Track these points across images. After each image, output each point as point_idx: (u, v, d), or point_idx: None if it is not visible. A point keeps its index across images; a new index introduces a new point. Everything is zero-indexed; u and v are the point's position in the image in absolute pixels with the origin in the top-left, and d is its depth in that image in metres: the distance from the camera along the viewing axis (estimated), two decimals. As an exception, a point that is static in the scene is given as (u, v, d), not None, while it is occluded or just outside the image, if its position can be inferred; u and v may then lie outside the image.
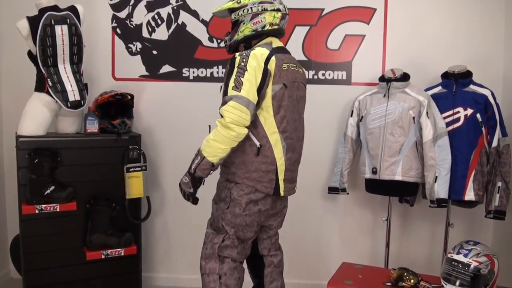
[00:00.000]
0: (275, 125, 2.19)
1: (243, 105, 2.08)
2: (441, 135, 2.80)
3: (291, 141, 2.25)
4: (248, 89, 2.09)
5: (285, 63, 2.21)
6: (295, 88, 2.26)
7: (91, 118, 2.86)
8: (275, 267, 2.43)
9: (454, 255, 2.24)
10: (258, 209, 2.25)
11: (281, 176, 2.24)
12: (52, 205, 2.69)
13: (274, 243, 2.46)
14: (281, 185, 2.25)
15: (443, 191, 2.77)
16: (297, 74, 2.29)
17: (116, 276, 2.94)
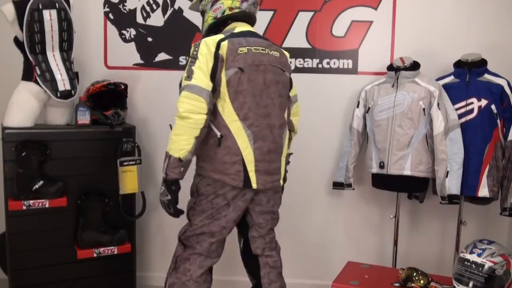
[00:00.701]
0: (234, 112, 2.18)
1: (196, 93, 2.12)
2: (453, 128, 2.78)
3: (257, 129, 2.21)
4: (200, 77, 2.13)
5: (243, 47, 2.19)
6: (261, 71, 2.22)
7: (82, 109, 2.85)
8: (271, 268, 2.40)
9: (467, 255, 2.23)
10: (226, 203, 2.25)
11: (251, 167, 2.21)
12: (40, 201, 2.67)
13: (269, 243, 2.42)
14: (252, 177, 2.22)
15: (455, 186, 2.75)
16: (264, 57, 2.24)
17: (108, 275, 2.94)
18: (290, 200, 3.26)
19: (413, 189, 3.00)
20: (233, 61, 2.16)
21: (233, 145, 2.19)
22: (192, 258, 2.32)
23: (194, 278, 2.32)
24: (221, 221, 2.28)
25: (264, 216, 2.38)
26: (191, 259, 2.33)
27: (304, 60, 3.20)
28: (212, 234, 2.30)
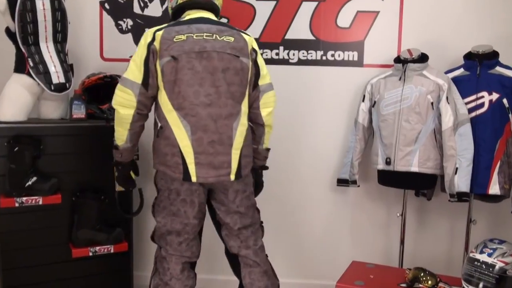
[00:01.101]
0: (169, 102, 2.21)
1: (126, 86, 2.22)
2: (463, 122, 2.77)
3: (196, 119, 2.20)
4: (132, 70, 2.23)
5: (182, 34, 2.20)
6: (203, 58, 2.19)
7: (77, 102, 2.83)
8: (251, 267, 2.39)
9: (477, 255, 2.23)
10: (182, 199, 2.29)
11: (190, 159, 2.21)
12: (34, 197, 2.66)
13: (244, 241, 2.39)
14: (191, 169, 2.21)
15: (465, 184, 2.74)
16: (208, 43, 2.21)
17: (104, 275, 2.94)
18: (293, 198, 3.26)
19: (420, 186, 2.99)
20: (166, 50, 2.18)
21: (171, 136, 2.22)
22: (168, 257, 2.37)
23: (176, 276, 2.35)
24: (182, 218, 2.31)
25: (231, 215, 2.36)
26: (167, 257, 2.37)
27: (307, 52, 3.18)
28: (177, 233, 2.33)
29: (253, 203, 2.45)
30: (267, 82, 2.39)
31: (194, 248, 2.40)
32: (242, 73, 2.27)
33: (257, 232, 2.44)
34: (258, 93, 2.36)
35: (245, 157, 2.30)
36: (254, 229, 2.43)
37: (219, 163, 2.23)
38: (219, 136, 2.22)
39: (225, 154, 2.24)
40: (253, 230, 2.42)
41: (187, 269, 2.40)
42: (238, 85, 2.26)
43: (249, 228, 2.40)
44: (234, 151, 2.26)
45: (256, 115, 2.39)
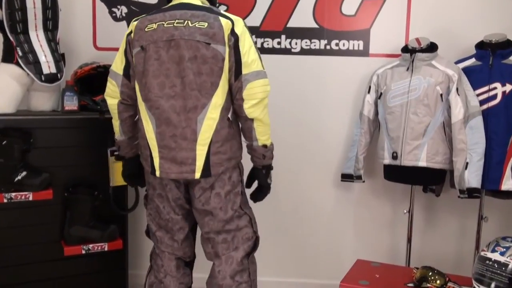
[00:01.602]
0: (139, 93, 2.24)
1: (111, 77, 2.33)
2: (474, 115, 2.75)
3: (159, 112, 2.18)
4: (116, 60, 2.32)
5: (153, 23, 2.19)
6: (171, 47, 2.14)
7: (70, 93, 2.81)
8: (210, 277, 2.34)
9: (489, 253, 2.23)
10: (158, 193, 2.32)
11: (155, 153, 2.22)
12: (23, 193, 2.64)
13: (213, 248, 2.32)
14: (156, 163, 2.22)
15: (475, 179, 2.72)
16: (176, 30, 2.14)
17: (98, 274, 2.93)
18: (294, 194, 3.25)
19: (428, 181, 2.99)
20: (137, 40, 2.20)
21: (142, 128, 2.26)
22: (161, 254, 2.37)
23: (170, 273, 2.35)
24: (163, 214, 2.34)
25: (199, 215, 2.31)
26: (160, 254, 2.37)
27: (310, 41, 3.16)
28: (165, 229, 2.34)
29: (234, 208, 2.31)
30: (253, 70, 2.19)
31: (186, 249, 2.39)
32: (214, 61, 2.14)
33: (233, 241, 2.32)
34: (241, 84, 2.18)
35: (216, 154, 2.20)
36: (229, 236, 2.31)
37: (181, 159, 2.18)
38: (181, 130, 2.17)
39: (189, 149, 2.18)
40: (227, 238, 2.31)
41: (182, 266, 2.39)
42: (208, 75, 2.15)
43: (221, 234, 2.30)
44: (200, 147, 2.18)
45: (239, 107, 2.22)
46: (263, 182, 2.37)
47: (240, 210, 2.32)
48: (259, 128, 2.25)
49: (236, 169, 2.32)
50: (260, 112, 2.22)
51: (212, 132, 2.18)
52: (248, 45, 2.19)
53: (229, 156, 2.25)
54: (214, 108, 2.18)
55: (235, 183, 2.31)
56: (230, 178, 2.28)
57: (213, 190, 2.26)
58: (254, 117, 2.22)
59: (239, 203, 2.32)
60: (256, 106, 2.20)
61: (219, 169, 2.22)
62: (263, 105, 2.22)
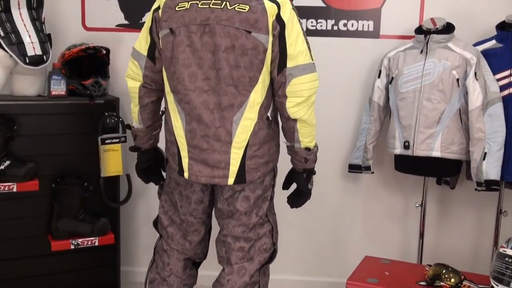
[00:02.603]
0: (167, 82, 2.13)
1: (134, 57, 2.21)
2: (493, 102, 2.73)
3: (189, 107, 2.05)
4: (139, 38, 2.19)
5: (186, 1, 2.01)
6: (206, 33, 1.99)
7: (57, 77, 2.80)
8: (218, 283, 2.24)
9: (508, 250, 2.22)
10: (179, 191, 2.25)
11: (184, 152, 2.11)
12: (7, 184, 2.65)
13: (227, 253, 2.23)
14: (185, 164, 2.12)
15: (494, 170, 2.71)
16: (213, 13, 1.98)
17: (88, 270, 2.97)
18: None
19: (443, 173, 2.98)
20: (166, 21, 2.04)
21: (169, 121, 2.16)
22: (169, 251, 2.31)
23: (176, 273, 2.29)
24: (179, 212, 2.27)
25: (221, 216, 2.23)
26: (168, 251, 2.31)
27: (317, 21, 3.13)
28: (178, 227, 2.28)
29: (260, 214, 2.21)
30: (300, 63, 2.02)
31: (199, 251, 2.32)
32: (254, 53, 1.98)
33: (250, 250, 2.21)
34: (285, 78, 2.02)
35: (253, 158, 2.09)
36: (247, 245, 2.21)
37: (214, 162, 2.07)
38: (215, 130, 2.05)
39: (222, 152, 2.06)
40: (245, 247, 2.20)
41: (189, 266, 2.33)
42: (246, 68, 1.99)
43: (238, 242, 2.21)
44: (235, 150, 2.06)
45: (281, 105, 2.06)
46: (303, 187, 2.25)
47: (264, 217, 2.23)
48: (303, 130, 2.11)
49: (271, 172, 2.21)
50: (305, 112, 2.06)
51: (249, 134, 2.06)
52: (296, 33, 2.01)
53: (266, 159, 2.13)
54: (252, 106, 2.04)
55: (267, 187, 2.21)
56: (263, 182, 2.18)
57: (243, 192, 2.16)
58: (298, 118, 2.07)
59: (265, 209, 2.23)
60: (300, 105, 2.04)
61: (255, 174, 2.11)
62: (309, 103, 2.06)
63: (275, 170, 2.26)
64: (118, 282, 3.04)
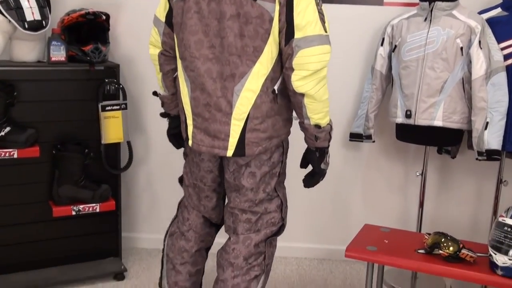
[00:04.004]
0: (177, 49, 2.12)
1: (154, 24, 2.20)
2: (497, 71, 2.70)
3: (194, 74, 2.03)
4: (159, 5, 2.16)
5: None
6: (212, 0, 1.96)
7: (56, 43, 2.77)
8: (223, 250, 2.24)
9: (508, 219, 2.19)
10: (191, 157, 2.26)
11: (189, 120, 2.11)
12: (8, 150, 2.65)
13: (234, 224, 2.20)
14: (189, 131, 2.12)
15: (496, 140, 2.70)
16: None
17: (90, 236, 3.00)
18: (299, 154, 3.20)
19: (444, 142, 2.97)
20: None
21: (179, 88, 2.15)
22: (189, 208, 2.33)
23: (194, 229, 2.31)
24: (193, 178, 2.28)
25: (228, 189, 2.21)
26: (188, 208, 2.33)
27: None
28: (193, 189, 2.29)
29: (267, 190, 2.16)
30: (308, 34, 1.92)
31: (213, 216, 2.33)
32: (259, 21, 1.92)
33: (257, 223, 2.18)
34: (291, 50, 1.93)
35: (253, 131, 2.03)
36: (254, 218, 2.18)
37: (214, 132, 2.05)
38: (216, 99, 2.01)
39: (223, 123, 2.03)
40: (252, 219, 2.18)
41: (208, 225, 2.34)
42: (250, 38, 1.93)
43: (245, 214, 2.18)
44: (235, 121, 2.02)
45: (287, 78, 1.99)
46: (315, 166, 2.18)
47: (273, 193, 2.20)
48: (311, 106, 2.01)
49: (279, 148, 2.15)
50: (312, 87, 1.97)
51: (250, 107, 2.00)
52: (306, 2, 1.92)
53: (269, 134, 2.07)
54: (255, 78, 1.98)
55: (275, 164, 2.15)
56: (270, 159, 2.13)
57: (249, 168, 2.12)
58: (304, 92, 1.98)
59: (274, 184, 2.17)
60: (306, 79, 1.95)
61: (255, 149, 2.06)
62: (317, 78, 1.97)
63: (284, 146, 2.18)
64: (119, 248, 3.06)
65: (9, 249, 2.80)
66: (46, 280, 2.81)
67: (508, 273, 2.17)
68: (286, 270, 3.17)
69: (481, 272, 2.24)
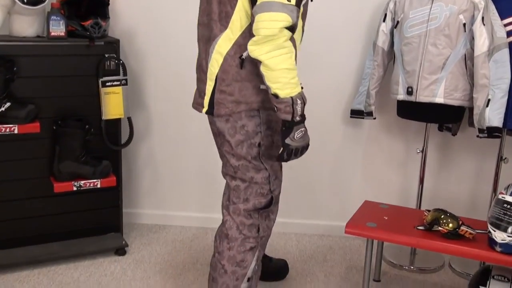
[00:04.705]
0: None
1: None
2: (500, 47, 2.67)
3: (198, 40, 2.25)
4: None
5: None
6: None
7: (56, 17, 2.75)
8: (220, 225, 2.28)
9: (507, 197, 2.22)
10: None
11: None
12: (8, 126, 2.64)
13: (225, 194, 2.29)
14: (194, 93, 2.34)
15: (497, 117, 2.68)
16: None
17: (91, 211, 3.01)
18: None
19: (445, 119, 2.96)
20: None
21: None
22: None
23: None
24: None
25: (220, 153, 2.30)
26: None
27: None
28: None
29: (248, 158, 2.19)
30: (264, 0, 1.96)
31: None
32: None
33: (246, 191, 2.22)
34: (253, 17, 1.99)
35: (221, 93, 2.12)
36: (242, 185, 2.22)
37: (200, 91, 2.21)
38: (201, 61, 2.20)
39: (204, 82, 2.17)
40: (240, 186, 2.22)
41: None
42: (223, 4, 2.05)
43: (235, 180, 2.24)
44: (209, 81, 2.14)
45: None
46: (281, 139, 2.13)
47: (257, 163, 2.21)
48: (266, 74, 2.01)
49: (255, 118, 2.16)
50: (261, 53, 1.97)
51: (218, 69, 2.10)
52: None
53: (235, 98, 2.11)
54: (224, 41, 2.07)
55: (250, 134, 2.16)
56: (244, 127, 2.15)
57: (224, 136, 2.19)
58: (255, 57, 2.00)
59: (255, 154, 2.20)
60: (257, 45, 1.97)
61: (222, 110, 2.12)
62: (271, 45, 1.96)
63: (260, 116, 2.17)
64: (121, 223, 3.08)
65: (11, 224, 2.81)
66: (48, 254, 2.82)
67: (506, 250, 2.19)
68: (286, 246, 3.19)
69: (480, 248, 2.26)
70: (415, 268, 2.99)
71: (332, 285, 2.80)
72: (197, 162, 3.26)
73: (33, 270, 2.77)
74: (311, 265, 2.99)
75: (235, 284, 2.21)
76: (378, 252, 2.82)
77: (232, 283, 2.20)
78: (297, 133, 2.10)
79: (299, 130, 2.09)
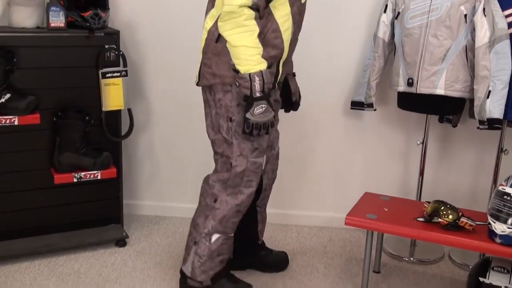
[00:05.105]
0: None
1: None
2: (501, 39, 2.66)
3: None
4: None
5: None
6: None
7: (55, 8, 2.74)
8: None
9: (507, 188, 2.22)
10: None
11: None
12: (8, 117, 2.64)
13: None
14: None
15: (498, 109, 2.68)
16: None
17: (91, 202, 3.02)
18: (300, 122, 3.21)
19: (446, 111, 2.96)
20: None
21: None
22: None
23: None
24: None
25: None
26: None
27: None
28: None
29: (221, 132, 2.34)
30: None
31: None
32: None
33: (217, 162, 2.43)
34: None
35: (205, 65, 2.31)
36: (218, 158, 2.42)
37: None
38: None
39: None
40: (218, 159, 2.43)
41: None
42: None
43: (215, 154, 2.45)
44: (200, 55, 2.35)
45: None
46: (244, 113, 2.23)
47: (228, 138, 2.32)
48: (230, 50, 2.18)
49: (229, 93, 2.27)
50: (226, 30, 2.15)
51: (203, 43, 2.31)
52: None
53: (212, 71, 2.28)
54: (210, 18, 2.27)
55: (224, 108, 2.29)
56: (219, 101, 2.30)
57: (206, 108, 2.40)
58: (221, 33, 2.19)
59: (226, 128, 2.32)
60: (223, 21, 2.15)
61: (205, 81, 2.32)
62: (233, 22, 2.12)
63: (233, 92, 2.26)
64: (121, 215, 3.08)
65: (11, 216, 2.81)
66: (48, 246, 2.82)
67: (506, 241, 2.20)
68: (286, 238, 3.19)
69: (479, 240, 2.27)
70: (415, 259, 2.99)
71: (332, 276, 2.80)
72: (197, 153, 3.25)
73: (33, 261, 2.77)
74: (311, 256, 2.99)
75: (189, 242, 2.49)
76: (378, 244, 2.82)
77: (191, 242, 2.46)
78: (257, 109, 2.18)
79: (259, 106, 2.18)
